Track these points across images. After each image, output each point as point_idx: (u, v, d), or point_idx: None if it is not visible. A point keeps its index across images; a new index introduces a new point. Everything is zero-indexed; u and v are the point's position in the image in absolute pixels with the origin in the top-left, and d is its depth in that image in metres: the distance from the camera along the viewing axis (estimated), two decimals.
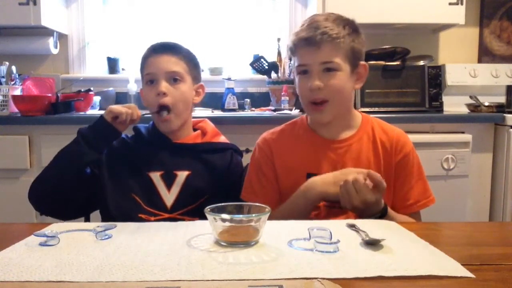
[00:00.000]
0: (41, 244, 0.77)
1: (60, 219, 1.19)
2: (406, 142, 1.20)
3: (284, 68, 2.52)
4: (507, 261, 0.72)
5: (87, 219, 1.33)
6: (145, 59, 1.26)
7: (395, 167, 1.17)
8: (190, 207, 1.19)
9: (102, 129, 1.17)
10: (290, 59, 2.48)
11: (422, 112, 2.30)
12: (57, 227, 0.89)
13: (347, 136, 1.19)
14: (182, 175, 1.22)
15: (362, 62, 1.18)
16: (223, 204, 0.84)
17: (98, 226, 0.85)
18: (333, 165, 1.15)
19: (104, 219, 1.22)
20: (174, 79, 1.23)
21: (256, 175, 1.22)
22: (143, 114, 1.22)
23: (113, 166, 1.22)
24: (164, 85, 1.21)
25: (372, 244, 0.77)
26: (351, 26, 1.14)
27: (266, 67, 2.49)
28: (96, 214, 1.28)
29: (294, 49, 1.16)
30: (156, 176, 1.21)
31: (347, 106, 1.19)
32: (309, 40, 1.11)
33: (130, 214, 1.16)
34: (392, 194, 1.17)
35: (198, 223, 0.94)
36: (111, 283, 0.62)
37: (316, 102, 1.13)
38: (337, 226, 0.87)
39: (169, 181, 1.21)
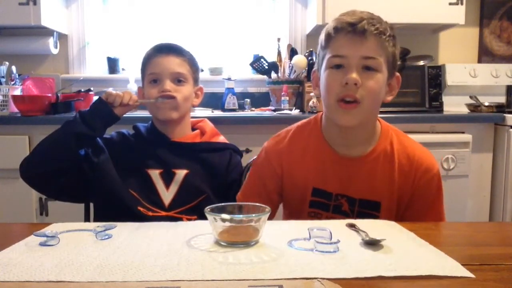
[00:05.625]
0: (41, 244, 0.77)
1: (48, 195, 1.27)
2: (429, 167, 1.07)
3: (284, 68, 2.52)
4: (507, 261, 0.72)
5: (87, 219, 1.33)
6: (149, 59, 1.26)
7: (412, 192, 1.07)
8: (188, 206, 1.20)
9: (97, 107, 1.20)
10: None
11: (422, 112, 2.30)
12: (57, 227, 0.89)
13: (362, 153, 1.07)
14: (180, 173, 1.22)
15: (397, 74, 1.07)
16: (223, 204, 0.84)
17: (98, 226, 0.85)
18: (342, 183, 1.07)
19: (100, 211, 1.22)
20: (178, 80, 1.24)
21: (255, 185, 1.16)
22: (141, 102, 1.25)
23: (113, 159, 1.22)
24: (168, 84, 1.22)
25: (372, 244, 0.77)
26: (392, 30, 1.03)
27: (266, 67, 2.49)
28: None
29: (334, 35, 1.01)
30: (155, 174, 1.21)
31: (373, 117, 1.07)
32: (355, 27, 0.97)
33: (129, 207, 1.16)
34: (403, 218, 1.08)
35: (198, 223, 0.94)
36: (111, 283, 0.61)
37: (346, 101, 0.99)
38: (337, 226, 0.87)
39: (167, 179, 1.21)
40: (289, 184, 1.13)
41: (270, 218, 1.08)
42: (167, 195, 1.20)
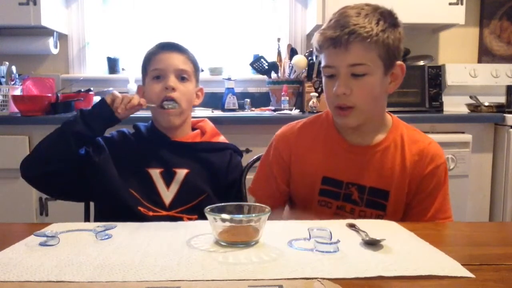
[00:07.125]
0: (41, 244, 0.77)
1: (49, 195, 1.26)
2: (436, 155, 1.10)
3: (284, 68, 2.52)
4: (507, 261, 0.72)
5: (87, 219, 1.33)
6: (152, 56, 1.26)
7: (420, 180, 1.08)
8: (188, 205, 1.19)
9: (98, 108, 1.19)
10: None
11: (422, 112, 2.30)
12: (57, 227, 0.89)
13: (373, 143, 1.10)
14: (181, 173, 1.21)
15: (399, 62, 1.07)
16: (223, 204, 0.84)
17: (98, 226, 0.85)
18: (353, 171, 1.09)
19: (100, 210, 1.22)
20: (182, 77, 1.24)
21: (264, 174, 1.20)
22: (149, 105, 1.22)
23: (114, 158, 1.22)
24: (173, 80, 1.22)
25: (372, 244, 0.77)
26: (386, 20, 1.03)
27: (266, 67, 2.49)
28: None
29: (320, 49, 1.06)
30: (155, 173, 1.21)
31: (377, 111, 1.10)
32: (336, 40, 0.99)
33: (129, 207, 1.16)
34: (409, 208, 1.10)
35: (198, 223, 0.94)
36: (111, 283, 0.62)
37: (341, 107, 1.05)
38: (337, 226, 0.88)
39: (168, 179, 1.21)
40: (298, 174, 1.15)
41: (280, 208, 1.15)
42: (167, 194, 1.20)
